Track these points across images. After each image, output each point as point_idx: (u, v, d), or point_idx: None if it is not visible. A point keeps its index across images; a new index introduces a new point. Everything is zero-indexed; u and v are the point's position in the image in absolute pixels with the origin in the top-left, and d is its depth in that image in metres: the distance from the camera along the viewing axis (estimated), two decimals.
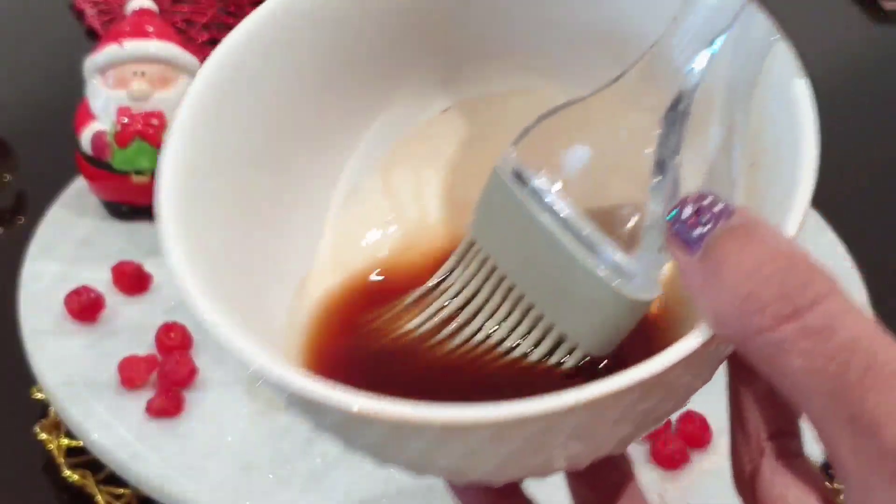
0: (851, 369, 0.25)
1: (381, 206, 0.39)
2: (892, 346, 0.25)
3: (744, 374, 0.30)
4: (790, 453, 0.30)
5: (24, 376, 0.60)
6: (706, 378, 0.31)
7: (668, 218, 0.28)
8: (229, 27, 1.07)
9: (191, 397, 0.58)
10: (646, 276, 0.32)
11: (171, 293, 0.64)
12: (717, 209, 0.27)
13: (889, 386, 0.24)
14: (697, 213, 0.27)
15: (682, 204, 0.27)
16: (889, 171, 0.34)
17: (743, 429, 0.30)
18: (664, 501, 0.54)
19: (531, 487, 0.35)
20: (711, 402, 0.61)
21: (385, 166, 0.39)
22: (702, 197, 0.27)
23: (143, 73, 0.66)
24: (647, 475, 0.55)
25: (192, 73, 0.67)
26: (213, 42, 0.94)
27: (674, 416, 0.57)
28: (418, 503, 0.54)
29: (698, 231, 0.27)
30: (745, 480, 0.30)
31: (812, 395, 0.25)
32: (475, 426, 0.27)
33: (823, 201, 0.42)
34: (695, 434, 0.56)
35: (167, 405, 0.57)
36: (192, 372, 0.58)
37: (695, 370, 0.29)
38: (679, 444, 0.56)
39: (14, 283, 0.64)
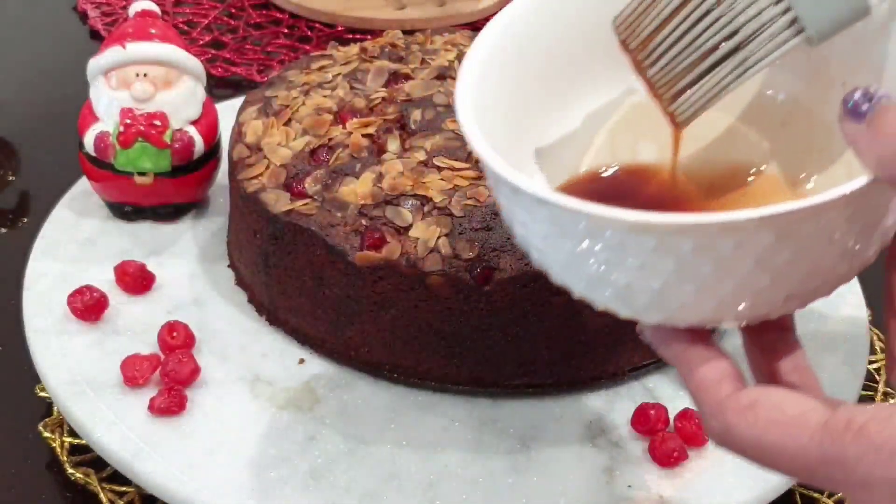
0: None
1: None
2: None
3: None
4: None
5: (27, 375, 0.61)
6: (868, 244, 0.38)
7: (842, 101, 0.37)
8: (231, 29, 1.07)
9: (193, 396, 0.58)
10: None
11: (173, 293, 0.65)
12: (880, 93, 0.36)
13: None
14: (865, 94, 0.37)
15: (853, 91, 0.37)
16: None
17: (895, 316, 0.38)
18: (663, 500, 0.54)
19: None
20: None
21: (614, 130, 0.48)
22: (867, 87, 0.37)
23: (145, 75, 0.66)
24: (645, 473, 0.56)
25: (193, 75, 0.68)
26: (215, 43, 0.95)
27: (672, 415, 0.57)
28: (419, 500, 0.54)
29: (865, 106, 0.36)
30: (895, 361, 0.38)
31: None
32: (686, 228, 0.35)
33: None
34: (693, 432, 0.57)
35: (170, 404, 0.57)
36: (195, 371, 0.59)
37: (859, 220, 0.36)
38: (677, 442, 0.56)
39: (18, 282, 0.64)
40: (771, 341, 0.41)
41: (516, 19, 0.46)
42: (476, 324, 0.58)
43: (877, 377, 0.65)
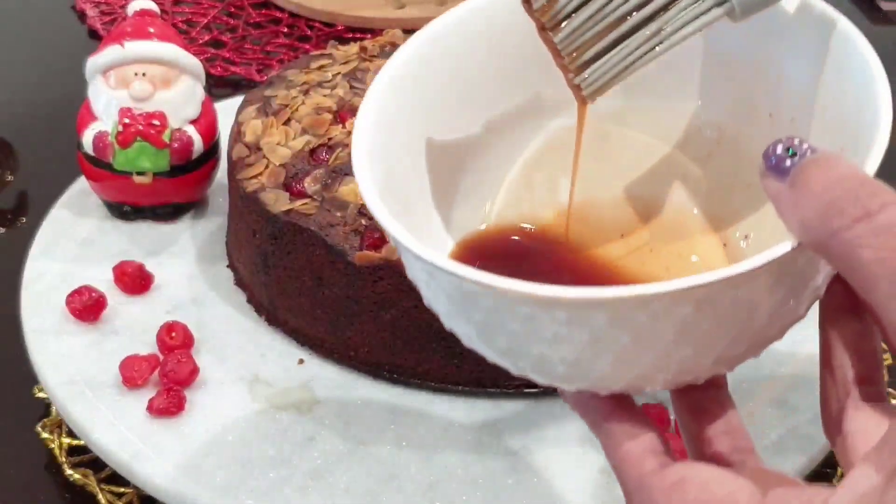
0: None
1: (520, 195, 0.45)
2: None
3: (833, 319, 0.36)
4: (873, 397, 0.35)
5: (26, 375, 0.61)
6: (797, 304, 0.35)
7: (763, 155, 0.34)
8: (230, 28, 1.07)
9: (192, 397, 0.58)
10: None
11: (172, 293, 0.64)
12: (804, 147, 0.33)
13: None
14: (788, 149, 0.33)
15: (775, 144, 0.34)
16: (888, 171, 0.35)
17: (832, 374, 0.35)
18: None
19: None
20: None
21: (530, 166, 0.45)
22: (791, 139, 0.33)
23: (144, 74, 0.66)
24: None
25: (192, 74, 0.68)
26: (215, 43, 0.94)
27: (673, 415, 0.57)
28: (419, 501, 0.54)
29: (788, 162, 0.33)
30: (832, 419, 0.35)
31: (879, 282, 0.31)
32: (598, 303, 0.32)
33: None
34: None
35: (168, 404, 0.57)
36: (193, 371, 0.59)
37: (784, 285, 0.34)
38: (678, 443, 0.56)
39: (16, 282, 0.64)
40: (700, 400, 0.38)
41: (414, 54, 0.42)
42: None
43: None
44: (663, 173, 0.45)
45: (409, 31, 0.70)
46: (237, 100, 0.69)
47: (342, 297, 0.59)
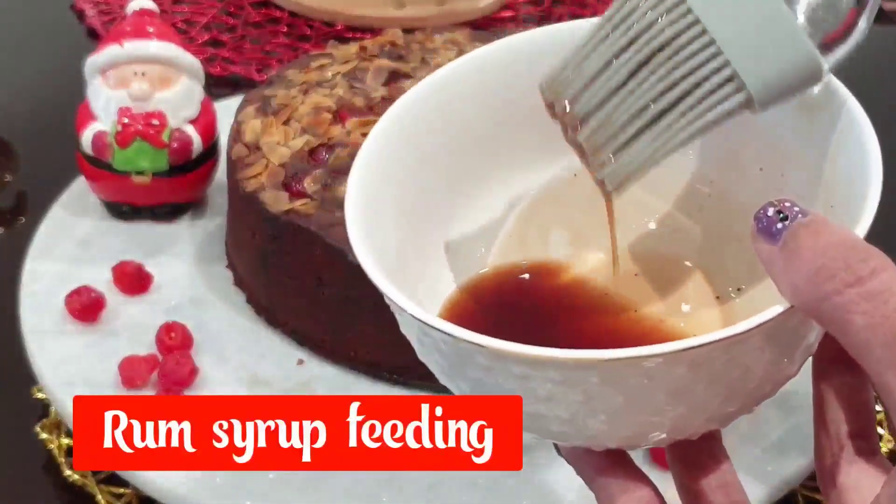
0: None
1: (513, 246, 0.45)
2: None
3: (826, 373, 0.36)
4: (867, 451, 0.35)
5: (24, 376, 0.60)
6: (790, 363, 0.36)
7: (754, 217, 0.34)
8: (229, 27, 1.07)
9: None
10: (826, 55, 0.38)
11: (171, 293, 0.64)
12: (795, 209, 0.33)
13: None
14: (779, 212, 0.33)
15: (766, 206, 0.34)
16: (888, 170, 0.34)
17: (825, 428, 0.36)
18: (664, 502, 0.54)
19: None
20: None
21: (522, 218, 0.45)
22: (782, 201, 0.34)
23: (143, 74, 0.66)
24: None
25: (192, 74, 0.67)
26: (214, 42, 0.94)
27: None
28: (419, 502, 0.54)
29: (779, 226, 0.33)
30: (827, 472, 0.35)
31: (872, 347, 0.31)
32: (590, 363, 0.33)
33: None
34: None
35: None
36: (193, 372, 0.58)
37: (777, 345, 0.34)
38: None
39: (15, 283, 0.64)
40: (694, 453, 0.38)
41: (404, 109, 0.42)
42: None
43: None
44: (655, 226, 0.45)
45: (408, 31, 0.70)
46: (236, 99, 0.69)
47: (342, 297, 0.59)
